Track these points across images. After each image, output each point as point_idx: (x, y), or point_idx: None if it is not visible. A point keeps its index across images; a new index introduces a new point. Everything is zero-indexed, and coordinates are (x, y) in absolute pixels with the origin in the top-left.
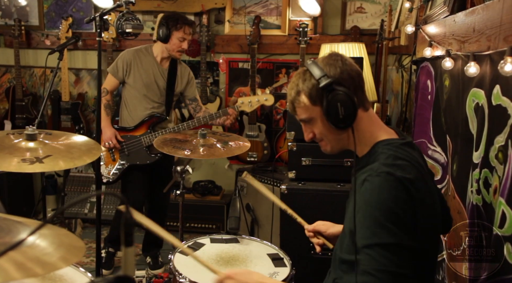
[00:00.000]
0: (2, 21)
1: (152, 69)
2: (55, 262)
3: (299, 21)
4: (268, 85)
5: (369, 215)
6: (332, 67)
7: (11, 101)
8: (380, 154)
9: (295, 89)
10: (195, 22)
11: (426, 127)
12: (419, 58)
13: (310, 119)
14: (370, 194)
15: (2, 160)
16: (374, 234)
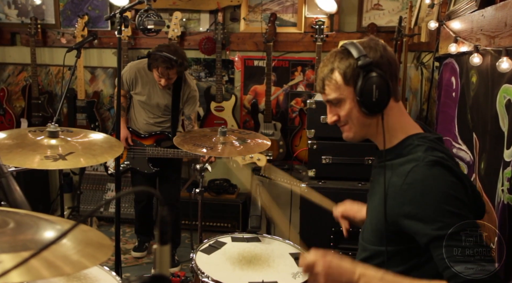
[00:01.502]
0: (18, 20)
1: (152, 88)
2: (83, 261)
3: (315, 19)
4: (283, 83)
5: (431, 205)
6: (372, 50)
7: (27, 100)
8: (417, 146)
9: (329, 67)
10: (176, 60)
11: (450, 125)
12: (442, 54)
13: (339, 100)
14: (425, 184)
15: (25, 157)
16: (446, 224)
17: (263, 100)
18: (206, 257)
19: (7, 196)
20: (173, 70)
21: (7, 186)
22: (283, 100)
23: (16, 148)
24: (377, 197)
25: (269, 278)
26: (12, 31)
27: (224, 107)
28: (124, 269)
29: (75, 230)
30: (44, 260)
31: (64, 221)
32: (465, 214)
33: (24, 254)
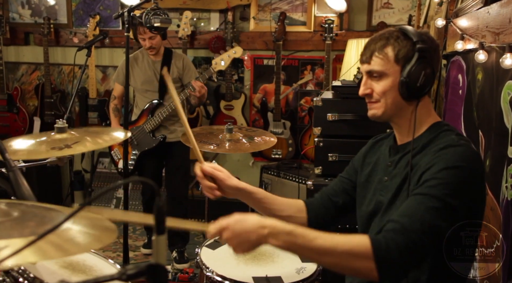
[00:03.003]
0: (32, 20)
1: (147, 67)
2: (89, 243)
3: (324, 18)
4: (293, 82)
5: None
6: (430, 41)
7: (40, 98)
8: (447, 131)
9: (382, 41)
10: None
11: (457, 122)
12: (449, 52)
13: (381, 74)
14: (457, 158)
15: (32, 149)
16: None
17: (272, 99)
18: (211, 252)
19: (14, 189)
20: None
21: (14, 180)
22: (293, 99)
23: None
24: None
25: (273, 273)
26: (25, 31)
27: (234, 106)
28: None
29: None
30: (51, 243)
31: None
32: (465, 198)
33: (31, 238)
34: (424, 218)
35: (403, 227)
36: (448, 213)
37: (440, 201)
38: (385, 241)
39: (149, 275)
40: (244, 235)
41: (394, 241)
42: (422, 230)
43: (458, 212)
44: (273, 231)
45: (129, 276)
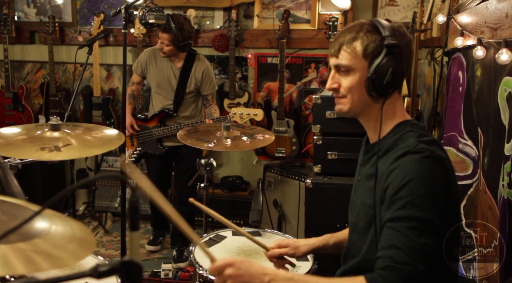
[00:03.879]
0: (37, 19)
1: (165, 69)
2: (64, 258)
3: (329, 15)
4: (297, 80)
5: (408, 190)
6: (401, 35)
7: (45, 97)
8: (409, 132)
9: (352, 35)
10: (171, 26)
11: (457, 120)
12: (450, 49)
13: (349, 68)
14: (414, 168)
15: (21, 148)
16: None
17: (276, 97)
18: None
19: (3, 186)
20: (166, 35)
21: (3, 177)
22: (297, 98)
23: (15, 140)
24: (364, 190)
25: None
26: (31, 30)
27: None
28: None
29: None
30: (21, 254)
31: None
32: (433, 209)
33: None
34: (408, 243)
35: (394, 261)
36: (427, 228)
37: (414, 220)
38: (382, 280)
39: (123, 272)
40: (247, 277)
41: (391, 280)
42: (412, 257)
43: (435, 223)
44: (274, 278)
45: (101, 273)
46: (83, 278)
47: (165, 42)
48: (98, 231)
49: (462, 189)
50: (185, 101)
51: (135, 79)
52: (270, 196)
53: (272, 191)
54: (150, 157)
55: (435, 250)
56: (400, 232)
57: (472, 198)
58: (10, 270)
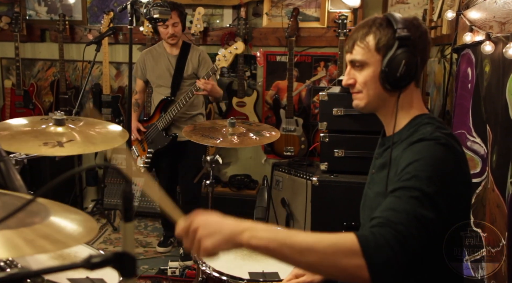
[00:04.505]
0: (48, 17)
1: (163, 61)
2: (65, 240)
3: (338, 13)
4: (306, 79)
5: (418, 167)
6: (414, 27)
7: (56, 95)
8: (427, 124)
9: (365, 30)
10: (172, 2)
11: (465, 117)
12: (459, 45)
13: (363, 63)
14: (426, 150)
15: (25, 143)
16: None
17: (285, 96)
18: None
19: (5, 180)
20: (174, 13)
21: (5, 170)
22: (306, 96)
23: (19, 134)
24: (378, 181)
25: (270, 268)
26: (42, 28)
27: (246, 103)
28: (142, 261)
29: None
30: (25, 238)
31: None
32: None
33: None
34: (407, 208)
35: (388, 220)
36: (428, 201)
37: (417, 190)
38: (372, 235)
39: (116, 264)
40: (217, 225)
41: (381, 235)
42: (408, 220)
43: (437, 200)
44: (251, 227)
45: (93, 265)
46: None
47: (176, 20)
48: (106, 228)
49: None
50: (183, 86)
51: (138, 88)
52: (278, 194)
53: (280, 190)
54: (160, 156)
55: (433, 225)
56: (401, 199)
57: (481, 196)
58: (17, 252)
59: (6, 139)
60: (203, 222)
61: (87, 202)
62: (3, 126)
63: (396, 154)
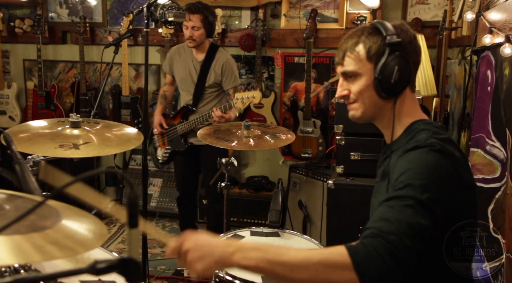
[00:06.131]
0: (69, 19)
1: (187, 64)
2: (74, 247)
3: (357, 14)
4: (324, 80)
5: (409, 174)
6: (403, 33)
7: (76, 96)
8: (422, 130)
9: (354, 39)
10: (195, 4)
11: (484, 121)
12: (479, 47)
13: (355, 73)
14: (419, 158)
15: (40, 145)
16: (413, 188)
17: (303, 97)
18: None
19: (20, 182)
20: (197, 16)
21: (21, 173)
22: (324, 98)
23: (36, 136)
24: (380, 191)
25: None
26: (63, 30)
27: (264, 104)
28: (159, 261)
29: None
30: (33, 244)
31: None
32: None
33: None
34: (400, 218)
35: (380, 230)
36: (423, 209)
37: (411, 199)
38: (363, 247)
39: (121, 269)
40: (207, 248)
41: (372, 246)
42: (401, 230)
43: (434, 209)
44: (240, 248)
45: (99, 270)
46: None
47: (197, 24)
48: (125, 228)
49: (490, 192)
50: (205, 96)
51: (167, 80)
52: (295, 196)
53: (297, 192)
54: (177, 156)
55: (428, 233)
56: (394, 208)
57: (500, 201)
58: (25, 258)
59: (23, 141)
60: (193, 245)
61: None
62: (23, 128)
63: (393, 162)
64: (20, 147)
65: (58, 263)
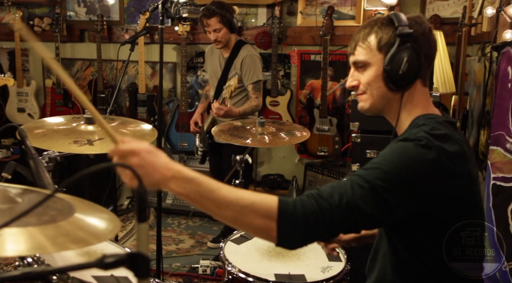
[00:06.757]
0: (87, 17)
1: (215, 61)
2: (87, 238)
3: (374, 11)
4: (341, 78)
5: (384, 159)
6: (417, 25)
7: (93, 93)
8: (421, 125)
9: (367, 30)
10: (210, 7)
11: (504, 118)
12: (500, 43)
13: (365, 63)
14: (399, 149)
15: (54, 141)
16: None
17: (319, 95)
18: (236, 247)
19: (34, 177)
20: (214, 19)
21: (35, 168)
22: (340, 96)
23: (51, 132)
24: None
25: (297, 270)
26: (81, 28)
27: (279, 102)
28: (174, 259)
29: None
30: (47, 236)
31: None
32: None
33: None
34: (346, 193)
35: (320, 194)
36: (373, 197)
37: (368, 183)
38: (294, 202)
39: (129, 264)
40: (150, 168)
41: (303, 204)
42: (337, 203)
43: (387, 200)
44: (177, 175)
45: (107, 265)
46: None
47: (216, 26)
48: None
49: (509, 191)
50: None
51: (209, 80)
52: None
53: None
54: (209, 154)
55: (365, 220)
56: (347, 183)
57: None
58: (38, 249)
59: (38, 137)
60: (138, 161)
61: (123, 199)
62: (38, 124)
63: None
64: (35, 142)
65: (69, 257)
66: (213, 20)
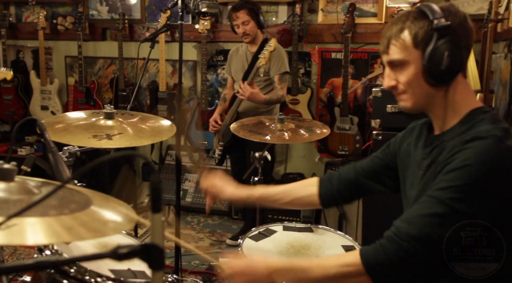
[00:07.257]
0: (108, 16)
1: (241, 57)
2: (103, 229)
3: (397, 8)
4: (362, 76)
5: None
6: (452, 15)
7: (115, 91)
8: (482, 120)
9: (399, 26)
10: (241, 3)
11: None
12: None
13: (402, 62)
14: (478, 153)
15: (74, 135)
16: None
17: (340, 93)
18: (254, 243)
19: (53, 170)
20: (242, 12)
21: (54, 161)
22: (361, 94)
23: (71, 127)
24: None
25: None
26: (103, 27)
27: (300, 100)
28: (193, 256)
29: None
30: (64, 225)
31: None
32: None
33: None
34: (424, 225)
35: (398, 234)
36: (454, 219)
37: (446, 207)
38: (374, 250)
39: (143, 255)
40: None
41: (383, 249)
42: (417, 238)
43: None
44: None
45: (121, 255)
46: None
47: (245, 19)
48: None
49: None
50: (253, 85)
51: (228, 84)
52: None
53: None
54: (231, 152)
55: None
56: (425, 211)
57: None
58: (56, 238)
59: (59, 131)
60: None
61: (143, 197)
62: (60, 119)
63: (445, 154)
64: (55, 136)
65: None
66: (241, 12)
